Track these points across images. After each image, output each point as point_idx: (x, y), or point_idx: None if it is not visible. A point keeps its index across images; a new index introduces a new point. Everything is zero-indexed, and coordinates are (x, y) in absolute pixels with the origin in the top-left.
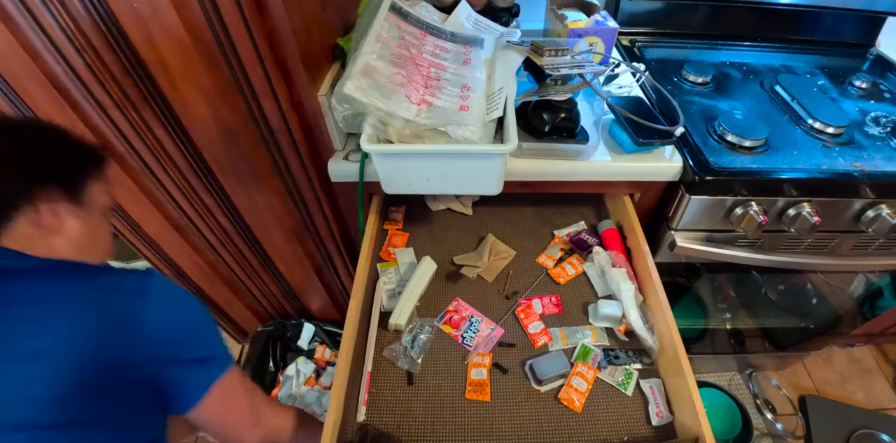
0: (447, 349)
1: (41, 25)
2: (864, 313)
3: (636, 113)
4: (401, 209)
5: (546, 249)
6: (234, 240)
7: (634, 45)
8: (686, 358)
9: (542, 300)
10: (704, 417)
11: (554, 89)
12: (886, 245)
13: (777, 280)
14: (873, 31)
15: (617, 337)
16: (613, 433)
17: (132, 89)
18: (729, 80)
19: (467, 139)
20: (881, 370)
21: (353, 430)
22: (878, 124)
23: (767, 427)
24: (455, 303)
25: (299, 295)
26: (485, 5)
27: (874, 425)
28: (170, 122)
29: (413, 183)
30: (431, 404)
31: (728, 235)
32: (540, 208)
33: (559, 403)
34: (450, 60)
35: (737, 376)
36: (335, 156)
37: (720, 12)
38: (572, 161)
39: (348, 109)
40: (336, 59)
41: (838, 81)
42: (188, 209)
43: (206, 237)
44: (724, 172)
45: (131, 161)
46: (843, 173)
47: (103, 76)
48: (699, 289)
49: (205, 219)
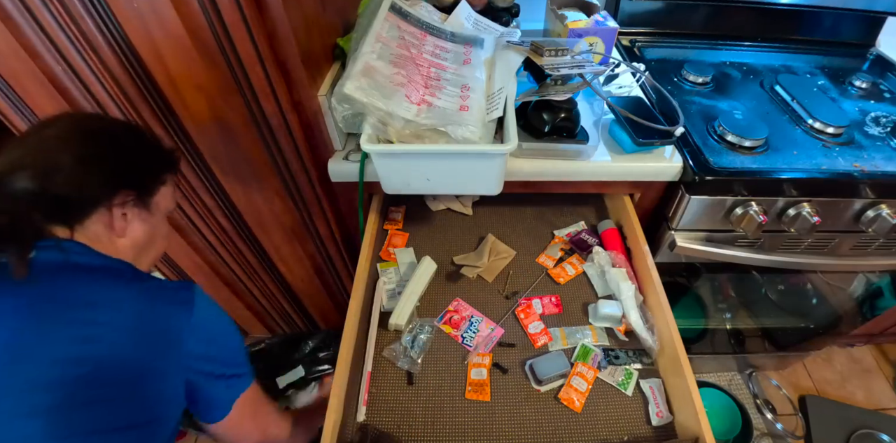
0: (447, 349)
1: (41, 25)
2: (864, 313)
3: (636, 113)
4: (401, 209)
5: (546, 249)
6: (234, 240)
7: (634, 45)
8: (686, 358)
9: (542, 300)
10: (704, 417)
11: (554, 89)
12: (886, 245)
13: (777, 280)
14: (873, 31)
15: (617, 337)
16: (613, 433)
17: (132, 89)
18: (729, 80)
19: (467, 139)
20: (881, 370)
21: (353, 430)
22: (878, 124)
23: (767, 427)
24: (455, 303)
25: (299, 295)
26: (485, 5)
27: (874, 425)
28: (170, 122)
29: (413, 183)
30: (431, 404)
31: (728, 235)
32: (540, 208)
33: (559, 403)
34: (450, 60)
35: (737, 376)
36: (335, 156)
37: (720, 12)
38: (572, 161)
39: (348, 109)
40: (336, 59)
41: (838, 81)
42: (188, 209)
43: (206, 237)
44: (724, 172)
45: None
46: (843, 173)
47: (103, 76)
48: (699, 289)
49: (205, 219)
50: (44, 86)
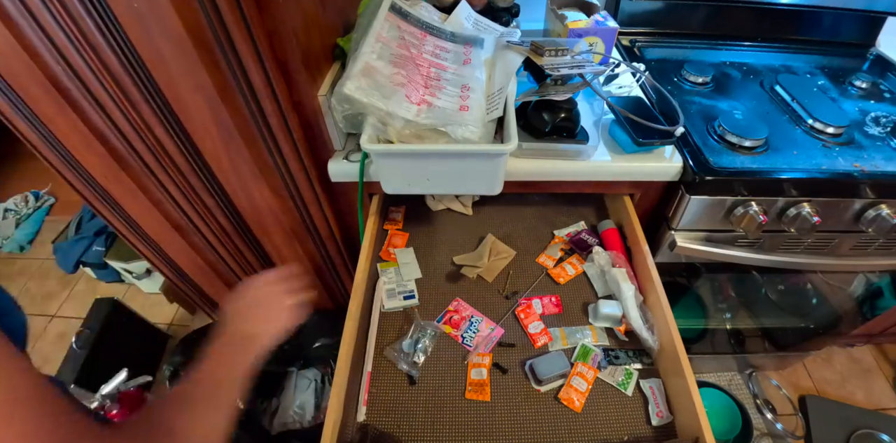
0: (447, 349)
1: (41, 25)
2: (864, 313)
3: (636, 113)
4: (401, 209)
5: (546, 249)
6: (234, 240)
7: (634, 45)
8: (686, 358)
9: (542, 300)
10: (704, 417)
11: (554, 89)
12: (886, 245)
13: (777, 280)
14: (873, 31)
15: (617, 337)
16: (613, 433)
17: (132, 89)
18: (729, 80)
19: (467, 139)
20: (881, 370)
21: (353, 430)
22: (878, 124)
23: (767, 427)
24: (455, 303)
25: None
26: (485, 5)
27: (874, 425)
28: (170, 122)
29: (413, 183)
30: (431, 404)
31: (728, 235)
32: (540, 208)
33: (559, 403)
34: (450, 60)
35: (737, 376)
36: (335, 156)
37: (720, 12)
38: (572, 161)
39: (348, 109)
40: (336, 59)
41: (838, 81)
42: (188, 209)
43: (206, 237)
44: (724, 172)
45: (131, 161)
46: (843, 173)
47: (103, 76)
48: (699, 289)
49: (205, 219)
50: (44, 86)
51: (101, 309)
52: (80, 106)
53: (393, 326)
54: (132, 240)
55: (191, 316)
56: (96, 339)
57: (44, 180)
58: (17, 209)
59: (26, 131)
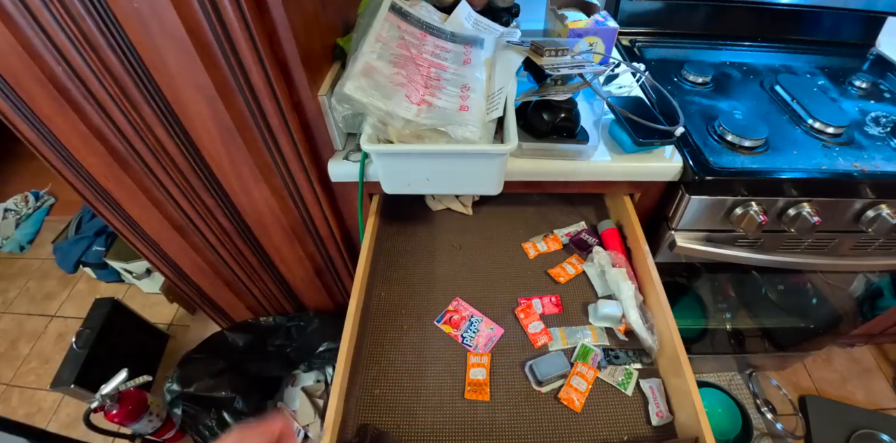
0: (447, 349)
1: (41, 25)
2: (864, 313)
3: (636, 113)
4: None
5: (531, 237)
6: (234, 240)
7: (634, 45)
8: (686, 358)
9: (541, 300)
10: (704, 417)
11: (554, 89)
12: (886, 245)
13: (777, 280)
14: (873, 31)
15: (617, 337)
16: (613, 433)
17: (132, 89)
18: (729, 80)
19: (467, 139)
20: (881, 370)
21: (353, 430)
22: (878, 124)
23: (767, 427)
24: (455, 303)
25: (299, 295)
26: (485, 5)
27: (874, 425)
28: (170, 122)
29: (413, 183)
30: (431, 404)
31: (728, 235)
32: (540, 208)
33: (559, 403)
34: (450, 60)
35: (737, 376)
36: (335, 156)
37: (720, 12)
38: (572, 161)
39: (348, 109)
40: (336, 59)
41: (838, 81)
42: (188, 209)
43: (206, 237)
44: (724, 172)
45: (131, 161)
46: (843, 173)
47: (103, 76)
48: (699, 289)
49: (205, 219)
50: (44, 86)
51: (101, 309)
52: (80, 106)
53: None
54: (132, 240)
55: (191, 316)
56: (96, 339)
57: (44, 180)
58: (17, 209)
59: (26, 131)
